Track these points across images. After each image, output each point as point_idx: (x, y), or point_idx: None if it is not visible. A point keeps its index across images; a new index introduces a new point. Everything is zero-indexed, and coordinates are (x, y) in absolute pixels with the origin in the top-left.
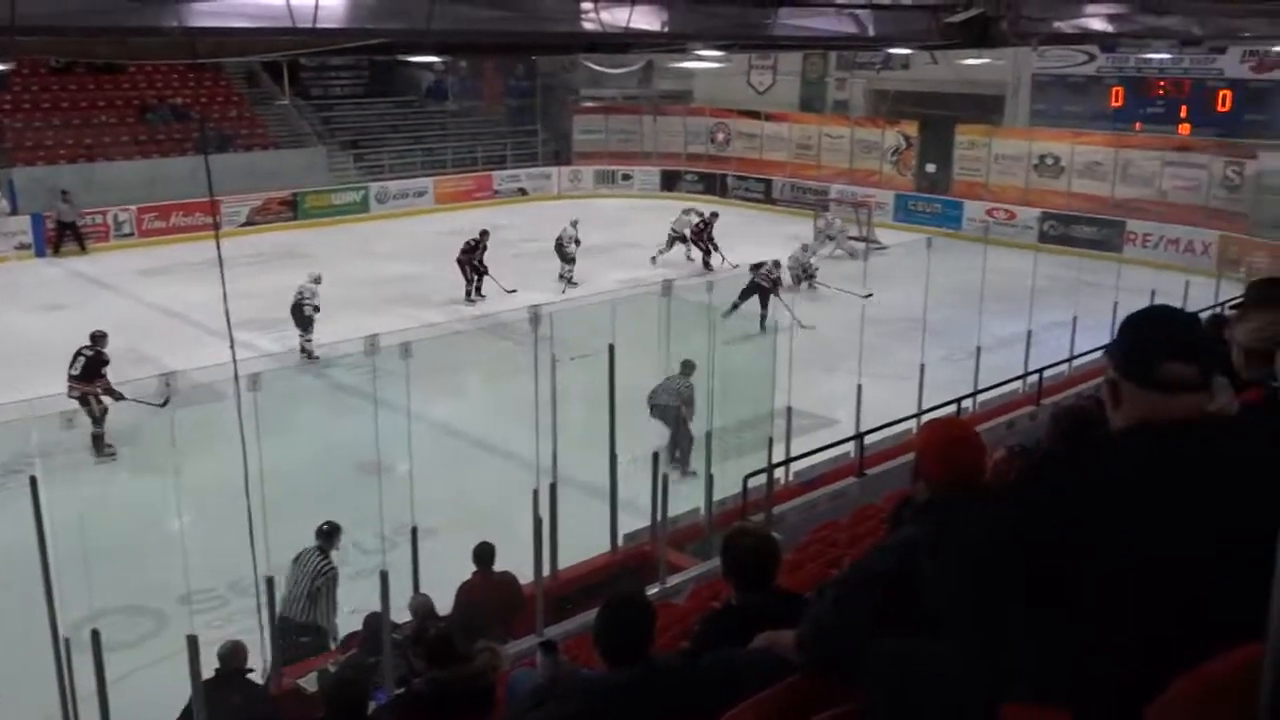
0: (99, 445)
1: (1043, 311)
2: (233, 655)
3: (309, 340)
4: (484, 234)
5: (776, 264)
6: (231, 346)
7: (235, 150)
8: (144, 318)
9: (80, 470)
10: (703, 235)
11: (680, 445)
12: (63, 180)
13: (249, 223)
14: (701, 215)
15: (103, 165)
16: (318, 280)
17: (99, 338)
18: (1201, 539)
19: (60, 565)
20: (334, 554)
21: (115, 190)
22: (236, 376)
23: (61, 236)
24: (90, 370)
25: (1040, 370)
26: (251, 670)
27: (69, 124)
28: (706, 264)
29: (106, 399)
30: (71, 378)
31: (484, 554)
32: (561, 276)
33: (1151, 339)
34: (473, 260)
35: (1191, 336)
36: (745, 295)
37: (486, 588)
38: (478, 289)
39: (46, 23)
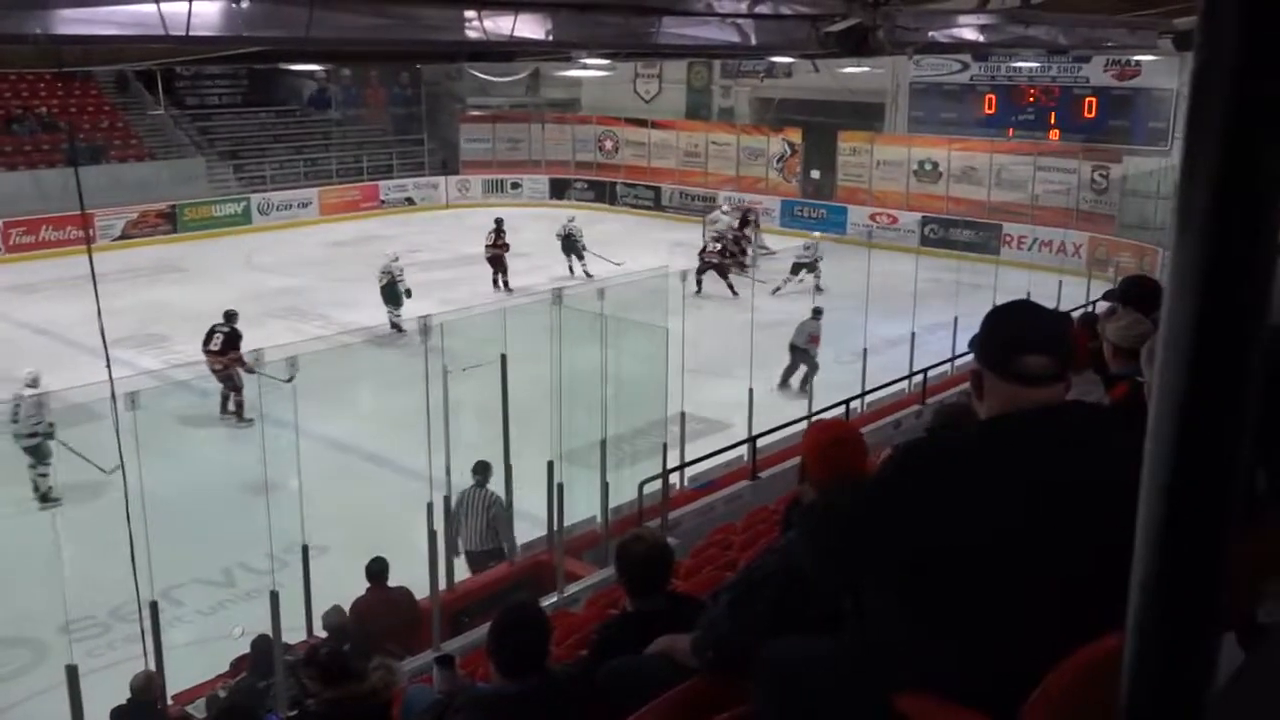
0: (240, 412)
1: (925, 313)
2: (146, 687)
3: (399, 315)
4: (499, 222)
5: (716, 240)
6: (108, 365)
7: (108, 161)
8: (12, 336)
9: None
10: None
11: (808, 373)
12: None
13: (124, 236)
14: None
15: None
16: (397, 259)
17: (232, 315)
18: (1061, 521)
19: None
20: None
21: None
22: (114, 395)
23: None
24: (228, 345)
25: (925, 370)
26: (159, 701)
27: None
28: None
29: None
30: (210, 353)
31: (377, 570)
32: (572, 270)
33: (1009, 332)
34: (504, 252)
35: (1048, 330)
36: (701, 273)
37: (381, 604)
38: (505, 282)
39: None
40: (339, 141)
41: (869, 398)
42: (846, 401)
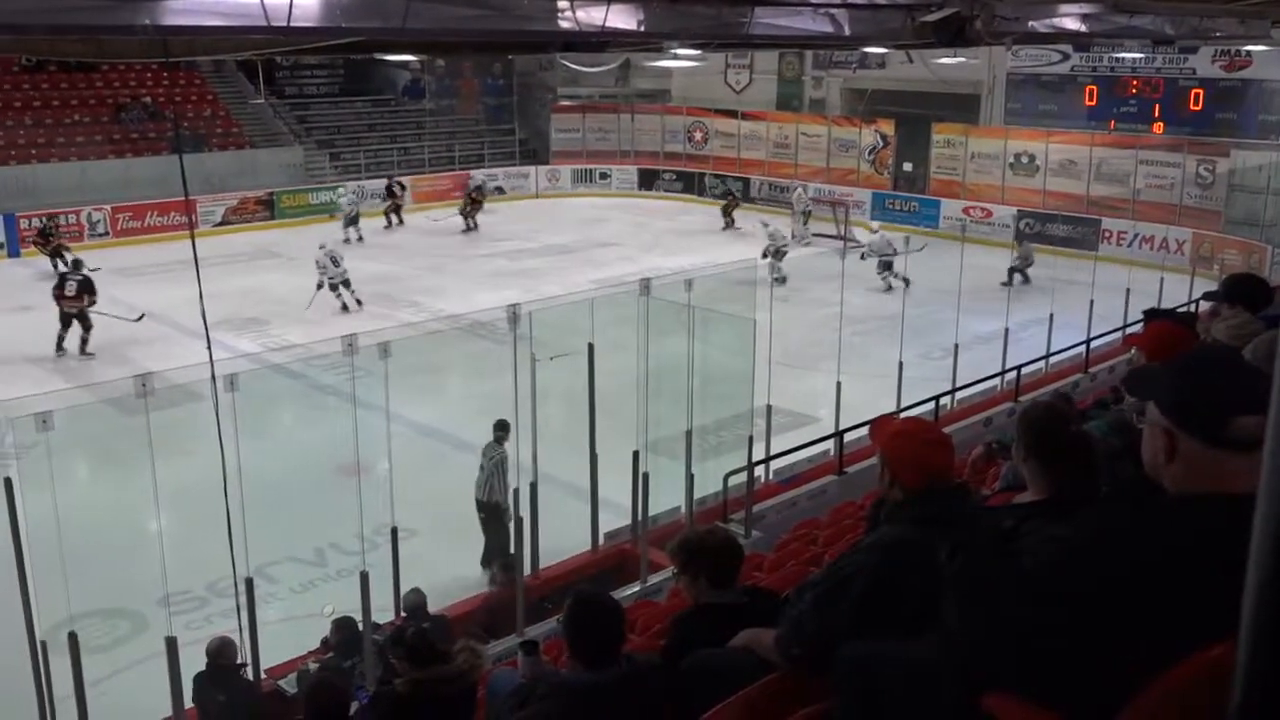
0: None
1: (1020, 309)
2: (221, 651)
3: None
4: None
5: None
6: (208, 347)
7: (210, 150)
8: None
9: (57, 471)
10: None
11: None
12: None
13: (224, 222)
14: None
15: (76, 165)
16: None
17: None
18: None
19: (36, 567)
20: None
21: (89, 190)
22: (214, 377)
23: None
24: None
25: (1018, 367)
26: (244, 665)
27: (41, 123)
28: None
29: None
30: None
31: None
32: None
33: (1220, 390)
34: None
35: (1262, 382)
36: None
37: None
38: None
39: (14, 20)
40: (432, 131)
41: (959, 394)
42: (936, 398)
